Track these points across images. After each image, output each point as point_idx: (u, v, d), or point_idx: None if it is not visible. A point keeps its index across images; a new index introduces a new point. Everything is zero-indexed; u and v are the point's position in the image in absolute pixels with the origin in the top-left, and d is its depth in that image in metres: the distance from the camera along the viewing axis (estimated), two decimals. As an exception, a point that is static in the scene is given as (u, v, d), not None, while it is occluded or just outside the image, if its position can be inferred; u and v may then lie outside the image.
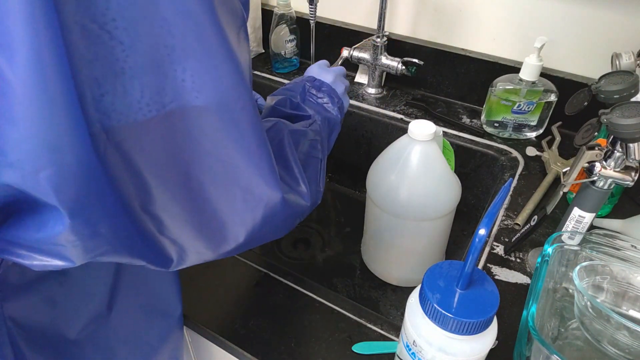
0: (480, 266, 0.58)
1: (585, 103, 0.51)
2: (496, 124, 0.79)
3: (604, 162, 0.47)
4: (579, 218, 0.51)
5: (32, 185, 0.26)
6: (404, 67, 0.83)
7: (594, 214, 0.50)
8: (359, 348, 0.49)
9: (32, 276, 0.35)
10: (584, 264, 0.48)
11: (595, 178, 0.47)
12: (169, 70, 0.28)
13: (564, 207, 0.56)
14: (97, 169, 0.27)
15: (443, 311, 0.35)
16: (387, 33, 0.84)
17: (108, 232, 0.29)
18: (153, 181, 0.30)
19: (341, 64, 0.88)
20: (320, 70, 0.61)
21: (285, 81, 0.95)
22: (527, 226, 0.56)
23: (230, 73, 0.30)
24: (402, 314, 0.55)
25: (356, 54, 0.87)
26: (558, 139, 0.77)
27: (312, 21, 0.87)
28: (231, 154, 0.32)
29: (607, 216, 0.64)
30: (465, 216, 0.81)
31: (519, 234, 0.58)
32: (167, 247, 0.33)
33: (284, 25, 0.91)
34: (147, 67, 0.27)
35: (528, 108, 0.75)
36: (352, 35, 0.93)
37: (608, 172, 0.46)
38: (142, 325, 0.47)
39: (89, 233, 0.29)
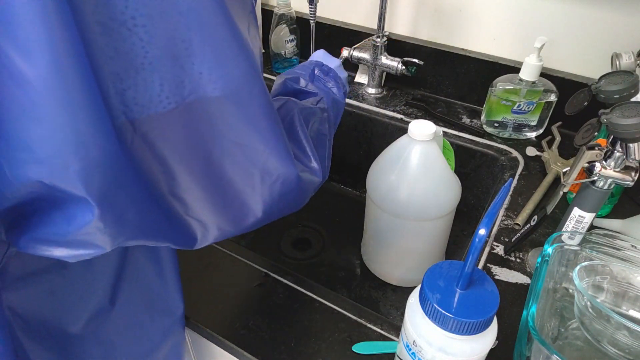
0: (480, 266, 0.58)
1: (585, 103, 0.51)
2: (496, 124, 0.79)
3: (604, 162, 0.47)
4: (579, 218, 0.51)
5: (61, 180, 0.27)
6: (404, 67, 0.83)
7: (594, 214, 0.50)
8: (359, 348, 0.49)
9: (33, 268, 0.35)
10: (584, 264, 0.48)
11: (595, 178, 0.47)
12: (186, 63, 0.29)
13: (564, 207, 0.56)
14: (122, 159, 0.28)
15: (443, 311, 0.35)
16: (387, 33, 0.84)
17: (135, 218, 0.31)
18: (178, 167, 0.32)
19: (341, 64, 0.89)
20: (325, 56, 0.64)
21: (285, 81, 0.95)
22: (527, 226, 0.56)
23: (243, 62, 0.32)
24: (402, 314, 0.55)
25: (356, 54, 0.87)
26: (558, 139, 0.77)
27: (312, 21, 0.87)
28: (248, 137, 0.34)
29: (607, 216, 0.64)
30: (465, 216, 0.81)
31: (519, 234, 0.58)
32: (192, 226, 0.35)
33: (284, 25, 0.91)
34: (165, 61, 0.29)
35: (528, 108, 0.75)
36: (352, 35, 0.93)
37: (608, 172, 0.46)
38: (143, 321, 0.47)
39: (117, 220, 0.30)
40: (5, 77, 0.24)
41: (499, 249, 0.60)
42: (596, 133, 0.49)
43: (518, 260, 0.58)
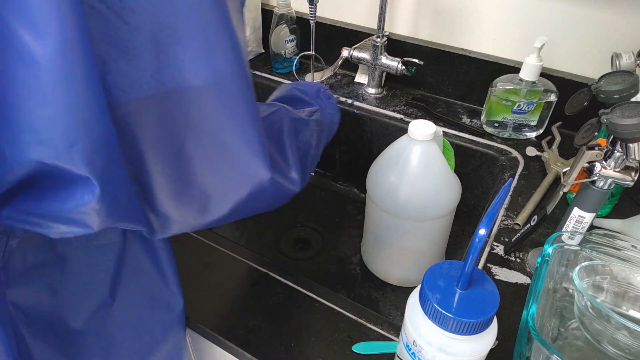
0: (480, 266, 0.58)
1: (585, 103, 0.51)
2: (496, 124, 0.79)
3: (604, 162, 0.47)
4: (579, 218, 0.51)
5: (65, 160, 0.27)
6: (404, 67, 0.83)
7: (594, 214, 0.50)
8: (359, 348, 0.49)
9: (33, 262, 0.35)
10: (584, 264, 0.48)
11: (595, 178, 0.47)
12: (169, 50, 0.29)
13: (564, 207, 0.56)
14: (115, 139, 0.29)
15: (443, 311, 0.35)
16: (387, 33, 0.84)
17: (123, 200, 0.31)
18: (147, 154, 0.32)
19: (341, 64, 0.89)
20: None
21: (286, 81, 0.95)
22: (527, 226, 0.56)
23: (229, 54, 0.31)
24: (402, 314, 0.55)
25: (356, 54, 0.87)
26: (558, 139, 0.77)
27: (312, 21, 0.87)
28: (224, 132, 0.34)
29: (607, 216, 0.64)
30: (465, 216, 0.81)
31: (519, 234, 0.58)
32: (149, 215, 0.35)
33: (284, 25, 0.91)
34: (149, 47, 0.28)
35: (528, 108, 0.75)
36: (352, 35, 0.93)
37: (608, 172, 0.46)
38: (144, 316, 0.47)
39: (112, 201, 0.30)
40: (14, 57, 0.24)
41: (499, 249, 0.60)
42: (596, 133, 0.49)
43: (518, 260, 0.58)
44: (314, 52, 0.89)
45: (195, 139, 0.33)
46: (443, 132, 0.79)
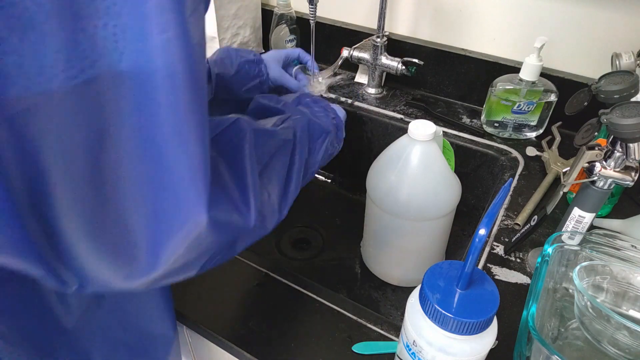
0: (480, 266, 0.58)
1: (585, 103, 0.51)
2: (496, 124, 0.79)
3: (604, 162, 0.47)
4: (579, 218, 0.51)
5: None
6: (403, 67, 0.83)
7: (594, 214, 0.50)
8: (359, 348, 0.49)
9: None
10: (584, 264, 0.48)
11: (595, 178, 0.47)
12: (88, 25, 0.22)
13: (564, 207, 0.56)
14: None
15: (443, 311, 0.35)
16: (387, 33, 0.84)
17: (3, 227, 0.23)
18: (52, 171, 0.23)
19: (341, 64, 0.89)
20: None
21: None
22: (527, 226, 0.56)
23: (175, 38, 0.24)
24: (402, 314, 0.55)
25: (356, 54, 0.87)
26: (558, 139, 0.77)
27: (312, 21, 0.87)
28: (154, 143, 0.25)
29: (607, 216, 0.64)
30: (465, 216, 0.81)
31: (519, 234, 0.58)
32: (57, 264, 0.26)
33: (284, 25, 0.91)
34: (64, 19, 0.21)
35: (528, 108, 0.75)
36: (352, 35, 0.93)
37: (608, 172, 0.46)
38: (122, 339, 0.43)
39: None
40: None
41: (499, 249, 0.60)
42: (596, 133, 0.49)
43: (518, 260, 0.58)
44: (313, 54, 0.89)
45: (115, 150, 0.24)
46: (443, 132, 0.79)
